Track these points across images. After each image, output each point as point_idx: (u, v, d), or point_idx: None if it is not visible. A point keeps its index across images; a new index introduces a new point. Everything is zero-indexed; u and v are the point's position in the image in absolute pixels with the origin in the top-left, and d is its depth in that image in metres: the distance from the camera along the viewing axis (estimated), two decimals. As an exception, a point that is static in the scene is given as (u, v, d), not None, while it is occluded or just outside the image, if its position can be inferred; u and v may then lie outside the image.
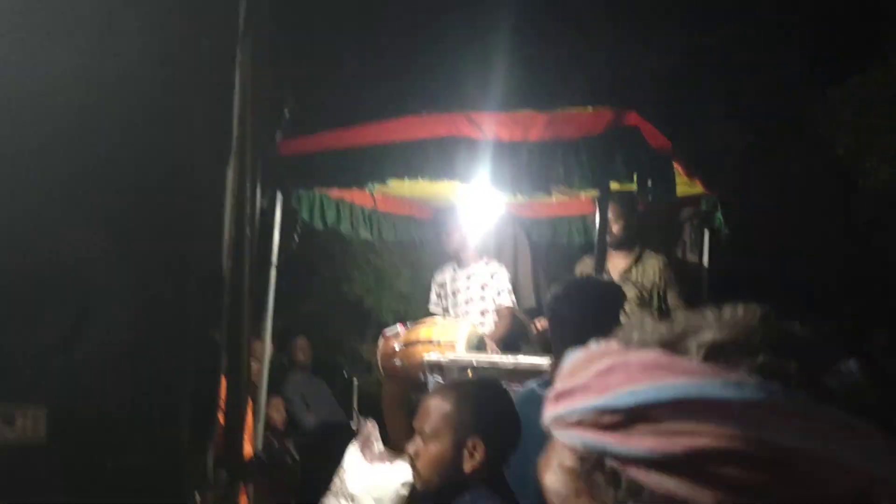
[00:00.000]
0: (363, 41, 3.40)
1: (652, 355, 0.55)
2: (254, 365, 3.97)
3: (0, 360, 1.30)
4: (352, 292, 8.66)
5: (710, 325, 0.57)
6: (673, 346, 0.56)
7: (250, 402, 4.04)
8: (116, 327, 1.38)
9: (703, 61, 5.67)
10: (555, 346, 2.26)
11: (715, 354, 0.54)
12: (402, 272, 8.38)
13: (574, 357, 0.61)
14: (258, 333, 3.91)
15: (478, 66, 3.37)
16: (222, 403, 1.58)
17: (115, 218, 1.38)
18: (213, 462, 1.50)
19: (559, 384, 0.60)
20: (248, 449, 3.84)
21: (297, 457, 1.70)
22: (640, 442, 0.52)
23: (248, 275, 1.76)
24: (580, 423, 0.56)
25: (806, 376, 0.53)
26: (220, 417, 1.64)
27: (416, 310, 6.97)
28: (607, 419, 0.54)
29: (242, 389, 1.73)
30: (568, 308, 2.18)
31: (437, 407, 1.66)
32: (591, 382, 0.56)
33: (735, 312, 0.58)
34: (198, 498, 1.78)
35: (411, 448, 1.66)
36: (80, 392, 1.37)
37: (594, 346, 0.61)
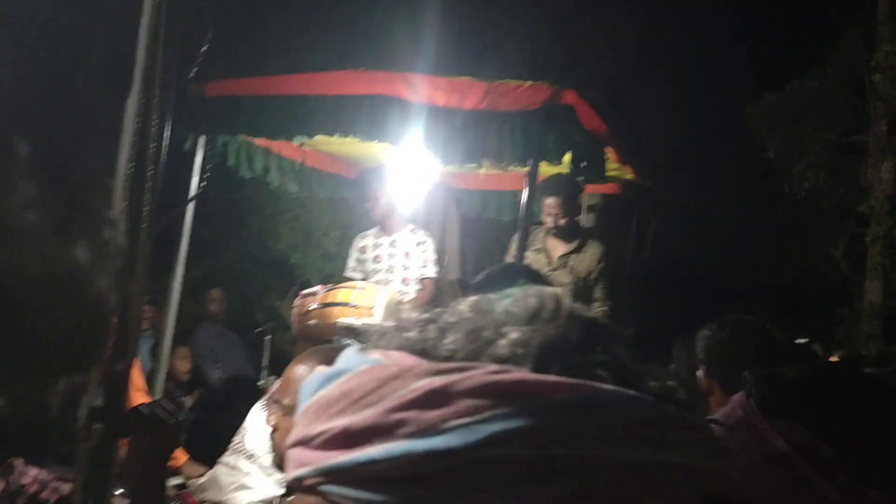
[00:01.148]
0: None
1: (482, 374, 0.42)
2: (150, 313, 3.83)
3: None
4: (277, 248, 8.49)
5: (509, 321, 0.46)
6: (486, 348, 0.45)
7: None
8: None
9: (651, 50, 5.71)
10: None
11: (548, 359, 0.44)
12: (331, 231, 8.25)
13: (348, 376, 0.46)
14: (166, 281, 3.75)
15: (421, 27, 3.26)
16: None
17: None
18: (88, 414, 1.40)
19: (319, 423, 0.45)
20: (140, 400, 3.71)
21: (183, 417, 1.60)
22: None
23: (147, 225, 1.64)
24: (381, 477, 0.42)
25: (623, 375, 0.45)
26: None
27: (341, 270, 6.87)
28: (432, 466, 0.41)
29: (129, 341, 1.62)
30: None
31: (299, 377, 1.54)
32: (388, 418, 0.42)
33: (533, 298, 0.48)
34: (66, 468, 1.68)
35: (271, 420, 1.55)
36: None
37: (369, 361, 0.47)
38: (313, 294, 4.32)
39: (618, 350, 0.46)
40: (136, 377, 3.81)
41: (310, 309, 4.22)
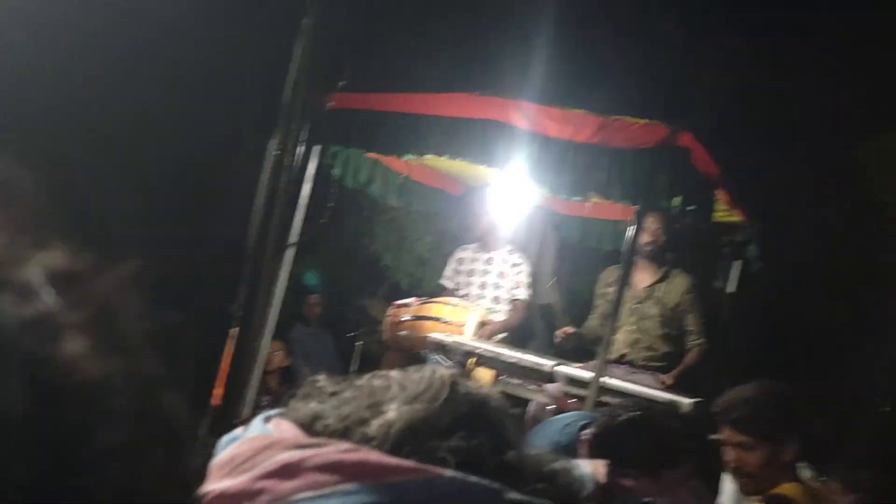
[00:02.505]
0: (429, 10, 3.32)
1: (333, 453, 0.45)
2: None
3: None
4: (372, 247, 8.67)
5: (395, 398, 0.49)
6: (357, 427, 0.47)
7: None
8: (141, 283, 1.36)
9: (763, 88, 5.51)
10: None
11: (405, 441, 0.46)
12: (425, 237, 8.35)
13: (240, 442, 0.49)
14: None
15: (540, 57, 3.28)
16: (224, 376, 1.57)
17: (148, 177, 1.36)
18: (208, 430, 1.50)
19: (210, 482, 0.48)
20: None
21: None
22: None
23: (269, 255, 1.74)
24: None
25: (498, 458, 0.47)
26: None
27: (431, 276, 6.95)
28: None
29: (248, 361, 1.72)
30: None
31: None
32: (253, 485, 0.46)
33: (424, 379, 0.51)
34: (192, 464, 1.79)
35: None
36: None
37: (262, 429, 0.50)
38: (407, 305, 4.42)
39: (492, 435, 0.49)
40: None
41: (402, 320, 4.32)
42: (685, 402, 3.29)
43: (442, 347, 3.90)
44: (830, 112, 6.21)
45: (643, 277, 4.10)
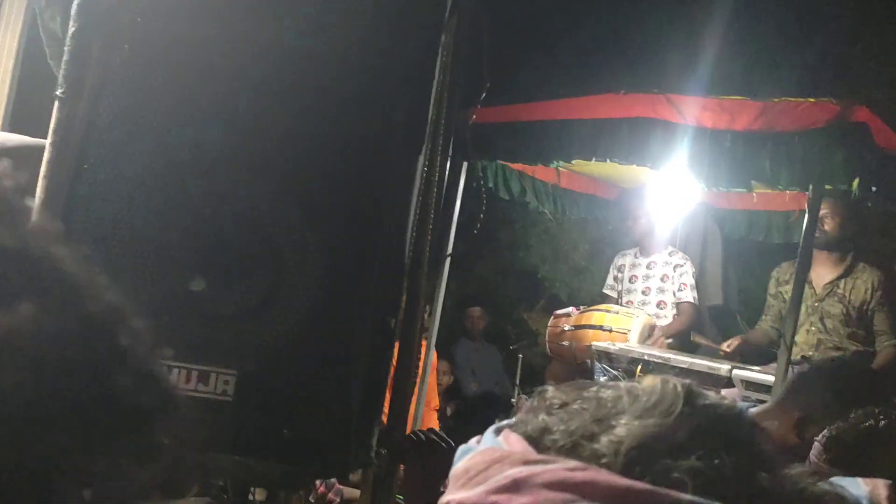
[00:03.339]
0: (565, 13, 3.28)
1: (560, 471, 0.44)
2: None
3: (201, 323, 1.40)
4: (527, 260, 8.66)
5: (625, 411, 0.47)
6: (586, 443, 0.46)
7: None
8: (302, 304, 1.44)
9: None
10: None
11: (636, 460, 0.44)
12: (580, 246, 8.22)
13: (473, 454, 0.50)
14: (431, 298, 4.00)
15: (685, 46, 3.13)
16: (390, 386, 1.62)
17: (312, 198, 1.43)
18: (377, 441, 1.54)
19: (450, 492, 0.50)
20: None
21: (451, 442, 1.71)
22: None
23: (427, 264, 1.77)
24: None
25: (744, 481, 0.43)
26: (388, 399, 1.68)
27: (589, 285, 6.83)
28: None
29: (411, 374, 1.76)
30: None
31: None
32: (486, 499, 0.46)
33: (656, 390, 0.48)
34: (360, 474, 1.86)
35: None
36: (265, 359, 1.45)
37: (493, 441, 0.50)
38: (567, 315, 4.36)
39: (737, 454, 0.45)
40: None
41: (564, 329, 4.27)
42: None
43: (606, 356, 3.79)
44: None
45: (823, 273, 3.77)
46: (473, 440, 0.54)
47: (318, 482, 2.56)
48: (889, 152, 2.88)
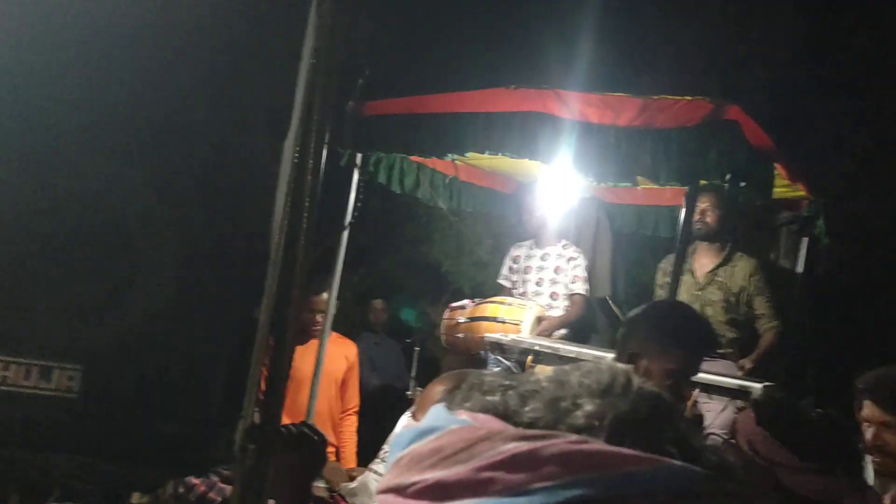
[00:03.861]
0: (457, 8, 3.29)
1: (564, 444, 0.45)
2: (319, 318, 4.03)
3: (42, 316, 1.31)
4: (431, 255, 8.69)
5: (584, 391, 0.49)
6: (564, 418, 0.48)
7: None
8: (158, 293, 1.37)
9: (820, 53, 5.25)
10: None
11: (622, 432, 0.46)
12: (484, 240, 8.31)
13: (440, 433, 0.49)
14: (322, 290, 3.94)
15: (572, 44, 3.20)
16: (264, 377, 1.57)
17: (167, 181, 1.36)
18: (244, 436, 1.49)
19: (412, 474, 0.48)
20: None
21: (325, 436, 1.68)
22: None
23: (303, 248, 1.72)
24: None
25: (691, 450, 0.47)
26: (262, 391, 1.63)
27: (492, 280, 6.90)
28: None
29: (285, 363, 1.71)
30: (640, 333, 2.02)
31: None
32: (477, 475, 0.45)
33: (604, 371, 0.50)
34: (227, 471, 1.80)
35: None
36: (115, 353, 1.37)
37: (456, 421, 0.50)
38: (462, 307, 4.38)
39: (681, 426, 0.49)
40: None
41: (458, 322, 4.29)
42: (756, 386, 3.14)
43: (499, 347, 3.84)
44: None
45: (704, 262, 3.97)
46: (407, 424, 0.55)
47: (197, 481, 2.47)
48: (759, 149, 3.04)
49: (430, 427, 0.51)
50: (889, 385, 1.93)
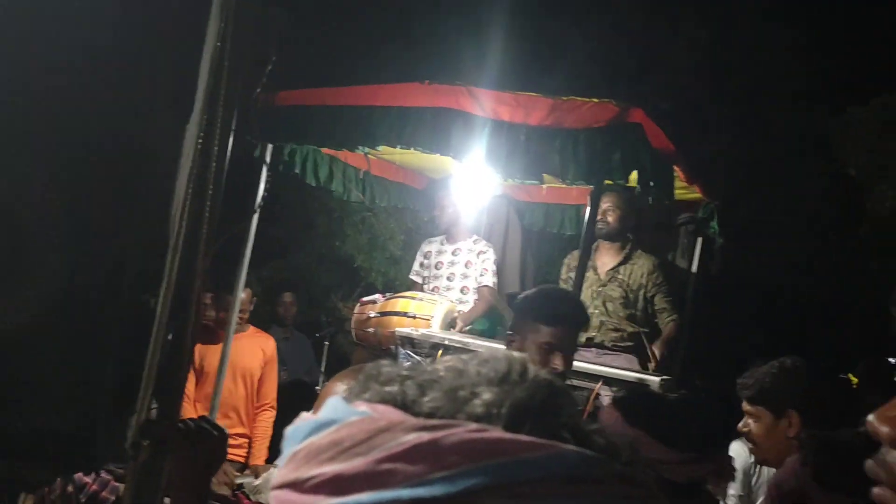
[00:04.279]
0: (370, 1, 3.28)
1: (465, 433, 0.46)
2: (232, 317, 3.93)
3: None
4: (343, 249, 8.61)
5: (481, 380, 0.50)
6: (463, 406, 0.48)
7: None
8: (45, 283, 1.30)
9: (723, 64, 5.52)
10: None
11: (522, 420, 0.48)
12: (397, 236, 8.31)
13: (338, 426, 0.49)
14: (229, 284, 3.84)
15: (487, 42, 3.24)
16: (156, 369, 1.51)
17: (59, 166, 1.30)
18: (137, 431, 1.43)
19: (309, 468, 0.47)
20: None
21: (225, 431, 1.64)
22: None
23: (206, 236, 1.67)
24: None
25: (582, 434, 0.49)
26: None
27: (405, 275, 6.91)
28: None
29: (184, 358, 1.66)
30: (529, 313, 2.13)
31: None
32: (377, 468, 0.45)
33: (501, 360, 0.52)
34: (121, 469, 1.73)
35: None
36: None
37: (355, 413, 0.50)
38: (373, 302, 4.37)
39: (572, 411, 0.51)
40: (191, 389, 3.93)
41: (369, 317, 4.27)
42: (655, 380, 3.28)
43: (410, 341, 3.85)
44: (796, 88, 6.25)
45: (606, 260, 4.12)
46: (305, 418, 0.52)
47: (88, 479, 2.37)
48: (660, 152, 3.16)
49: (328, 420, 0.50)
50: (754, 381, 2.09)
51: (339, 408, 0.51)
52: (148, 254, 1.40)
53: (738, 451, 2.84)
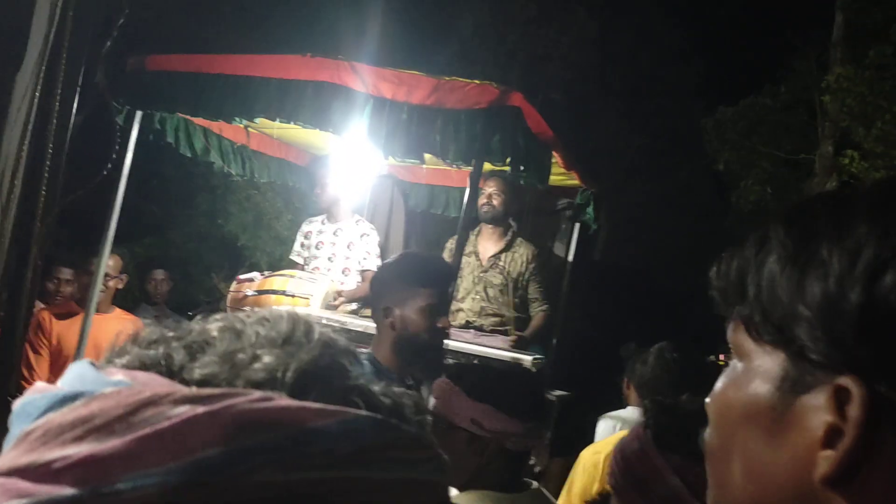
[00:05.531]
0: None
1: (246, 403, 0.41)
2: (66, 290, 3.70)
3: None
4: (227, 228, 8.32)
5: (262, 341, 0.46)
6: (242, 371, 0.44)
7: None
8: None
9: (609, 58, 5.72)
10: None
11: (308, 385, 0.44)
12: (284, 215, 8.11)
13: (86, 400, 0.41)
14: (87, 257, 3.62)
15: (372, 17, 3.18)
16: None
17: None
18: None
19: (48, 450, 0.40)
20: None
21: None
22: None
23: (44, 198, 1.55)
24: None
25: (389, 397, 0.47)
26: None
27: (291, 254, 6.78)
28: (190, 496, 0.39)
29: (16, 339, 1.53)
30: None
31: None
32: (140, 447, 0.39)
33: (283, 319, 0.48)
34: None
35: None
36: None
37: (111, 383, 0.42)
38: (250, 280, 4.23)
39: (360, 372, 0.48)
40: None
41: (246, 295, 4.13)
42: (527, 358, 3.35)
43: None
44: (672, 86, 6.56)
45: (488, 246, 4.16)
46: (41, 389, 0.42)
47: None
48: (538, 136, 3.22)
49: (74, 392, 0.42)
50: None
51: (87, 376, 0.43)
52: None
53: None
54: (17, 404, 0.43)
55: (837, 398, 0.47)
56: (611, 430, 3.08)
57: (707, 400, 0.60)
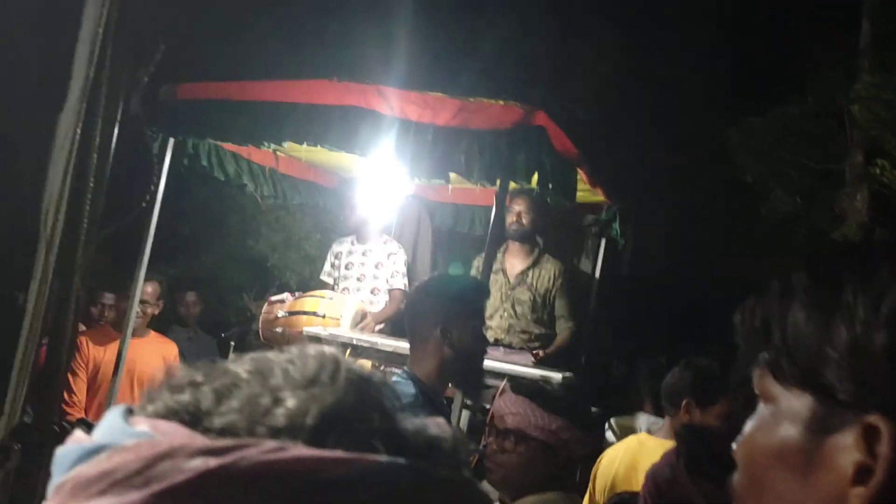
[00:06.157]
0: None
1: (259, 455, 0.40)
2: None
3: None
4: (257, 248, 8.43)
5: (288, 383, 0.44)
6: (262, 418, 0.43)
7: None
8: None
9: (632, 73, 5.72)
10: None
11: (326, 430, 0.42)
12: (312, 235, 8.19)
13: (110, 452, 0.41)
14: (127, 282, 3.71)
15: (397, 40, 3.24)
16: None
17: None
18: (6, 435, 1.36)
19: (73, 502, 0.41)
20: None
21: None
22: None
23: (85, 229, 1.61)
24: None
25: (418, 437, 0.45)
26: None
27: (319, 275, 6.86)
28: None
29: (61, 362, 1.59)
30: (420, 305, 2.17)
31: None
32: (158, 502, 0.39)
33: (312, 358, 0.46)
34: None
35: None
36: None
37: (136, 434, 0.42)
38: (282, 301, 4.30)
39: (388, 410, 0.46)
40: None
41: (277, 316, 4.20)
42: (557, 376, 3.36)
43: (318, 341, 3.81)
44: (698, 98, 6.54)
45: (515, 263, 4.18)
46: (77, 440, 0.43)
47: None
48: (563, 154, 3.24)
49: (100, 444, 0.42)
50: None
51: (114, 427, 0.43)
52: (14, 249, 1.33)
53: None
54: (56, 453, 0.44)
55: (866, 437, 0.48)
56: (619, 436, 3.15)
57: (733, 445, 0.60)
